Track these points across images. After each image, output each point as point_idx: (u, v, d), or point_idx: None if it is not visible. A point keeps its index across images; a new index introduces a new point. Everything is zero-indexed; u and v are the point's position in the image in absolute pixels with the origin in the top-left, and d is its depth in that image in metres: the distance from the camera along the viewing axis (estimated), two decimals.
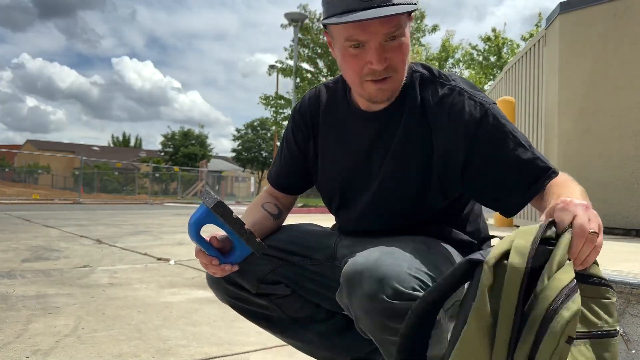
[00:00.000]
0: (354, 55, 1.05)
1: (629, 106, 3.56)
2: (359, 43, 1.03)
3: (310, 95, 1.31)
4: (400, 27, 1.03)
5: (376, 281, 0.93)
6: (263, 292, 1.26)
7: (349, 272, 0.98)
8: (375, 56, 1.03)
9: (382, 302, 0.92)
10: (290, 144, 1.32)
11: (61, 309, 2.46)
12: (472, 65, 20.44)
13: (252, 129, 43.09)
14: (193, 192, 30.09)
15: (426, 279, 0.97)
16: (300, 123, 1.30)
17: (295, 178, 1.35)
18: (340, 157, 1.24)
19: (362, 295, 0.94)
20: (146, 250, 4.77)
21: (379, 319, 0.94)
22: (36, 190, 23.22)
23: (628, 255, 2.12)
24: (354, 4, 0.99)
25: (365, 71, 1.06)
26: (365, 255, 1.00)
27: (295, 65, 18.32)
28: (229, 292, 1.28)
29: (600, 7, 3.71)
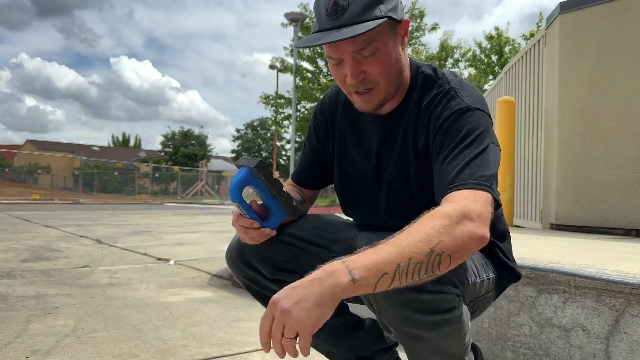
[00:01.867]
0: (336, 70, 1.10)
1: (629, 106, 3.56)
2: (336, 59, 1.08)
3: (330, 93, 1.35)
4: (372, 41, 1.03)
5: None
6: (277, 278, 1.27)
7: None
8: (349, 72, 1.07)
9: (407, 293, 0.92)
10: (312, 141, 1.36)
11: (61, 309, 2.46)
12: (474, 64, 20.44)
13: (252, 129, 43.12)
14: (193, 192, 30.09)
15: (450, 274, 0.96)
16: (321, 121, 1.34)
17: (314, 173, 1.38)
18: (355, 156, 1.27)
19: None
20: (146, 250, 4.77)
21: (403, 311, 0.94)
22: (36, 190, 23.22)
23: (628, 255, 2.12)
24: (325, 24, 1.04)
25: (346, 84, 1.10)
26: None
27: (295, 64, 18.32)
28: (244, 273, 1.30)
29: (600, 7, 3.71)
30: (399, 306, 0.94)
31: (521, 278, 1.27)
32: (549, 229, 4.01)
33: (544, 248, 2.33)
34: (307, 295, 0.82)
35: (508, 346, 1.65)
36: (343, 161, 1.30)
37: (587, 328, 1.46)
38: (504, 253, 1.23)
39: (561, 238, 3.06)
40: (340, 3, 1.02)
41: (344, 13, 1.01)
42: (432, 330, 0.97)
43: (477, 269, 1.12)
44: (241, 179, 1.10)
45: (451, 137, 1.06)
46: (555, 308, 1.54)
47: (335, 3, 1.02)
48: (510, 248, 1.27)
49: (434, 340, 0.99)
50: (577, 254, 2.12)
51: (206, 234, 6.69)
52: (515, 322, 1.64)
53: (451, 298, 0.97)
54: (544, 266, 1.61)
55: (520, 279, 1.27)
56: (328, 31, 1.03)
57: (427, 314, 0.94)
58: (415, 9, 19.12)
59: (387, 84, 1.10)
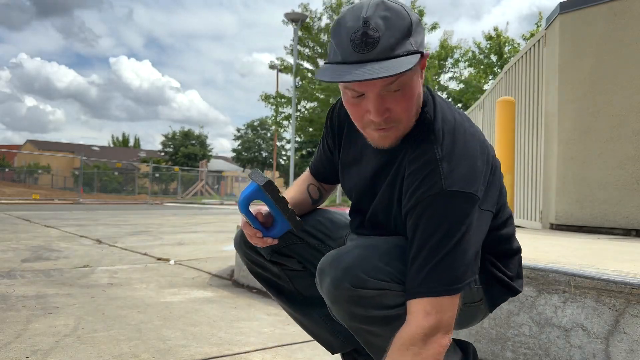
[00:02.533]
0: (353, 103, 1.02)
1: (629, 106, 3.56)
2: (358, 93, 0.99)
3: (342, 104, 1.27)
4: (402, 76, 0.96)
5: (341, 270, 1.00)
6: (276, 260, 1.38)
7: (320, 263, 1.06)
8: (373, 108, 0.98)
9: (346, 290, 0.99)
10: (324, 142, 1.36)
11: (61, 309, 2.46)
12: (474, 64, 20.44)
13: (252, 129, 43.11)
14: (193, 192, 30.09)
15: (397, 271, 1.01)
16: (330, 128, 1.32)
17: (329, 172, 1.40)
18: (351, 176, 1.28)
19: (328, 284, 1.02)
20: (146, 250, 4.77)
21: (344, 306, 1.01)
22: (36, 190, 23.21)
23: (628, 255, 2.12)
24: (350, 55, 0.94)
25: (365, 119, 1.02)
26: (341, 248, 1.09)
27: (295, 64, 18.31)
28: (247, 255, 1.40)
29: (600, 7, 3.71)
30: (341, 301, 1.00)
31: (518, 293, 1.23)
32: (549, 229, 4.01)
33: (544, 248, 2.33)
34: None
35: (508, 346, 1.65)
36: (346, 173, 1.30)
37: (587, 328, 1.46)
38: (496, 265, 1.19)
39: (561, 238, 3.06)
40: (371, 35, 0.92)
41: (374, 46, 0.92)
42: (382, 326, 1.01)
43: None
44: (249, 194, 1.18)
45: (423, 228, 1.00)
46: (555, 308, 1.54)
47: (364, 34, 0.92)
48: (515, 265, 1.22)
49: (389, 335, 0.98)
50: (577, 254, 2.12)
51: (206, 234, 6.69)
52: (515, 322, 1.64)
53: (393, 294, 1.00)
54: (544, 266, 1.61)
55: (517, 294, 1.22)
56: (355, 64, 0.93)
57: (370, 308, 0.99)
58: (415, 9, 19.12)
59: (407, 121, 1.04)
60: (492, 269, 1.18)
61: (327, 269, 1.03)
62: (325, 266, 1.04)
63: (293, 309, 1.44)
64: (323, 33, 19.89)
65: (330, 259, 1.04)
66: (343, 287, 0.99)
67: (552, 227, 3.98)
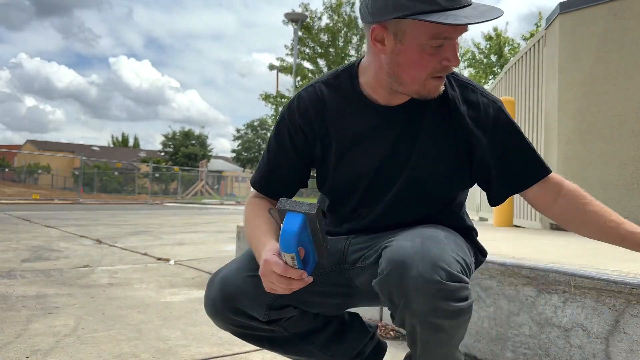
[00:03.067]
0: (432, 53, 1.03)
1: (629, 106, 3.56)
2: (444, 41, 1.02)
3: (309, 95, 1.22)
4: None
5: (430, 263, 0.96)
6: (273, 318, 1.20)
7: (399, 256, 0.98)
8: (454, 54, 1.04)
9: (438, 284, 0.95)
10: (285, 148, 1.24)
11: (61, 309, 2.46)
12: (474, 64, 20.45)
13: (252, 129, 43.11)
14: (193, 192, 30.08)
15: (463, 264, 1.03)
16: (301, 125, 1.21)
17: (290, 185, 1.28)
18: (361, 156, 1.20)
19: (417, 276, 0.95)
20: (146, 250, 4.77)
21: (430, 300, 0.96)
22: (36, 190, 23.21)
23: (628, 255, 2.12)
24: (447, 2, 0.98)
25: (438, 68, 1.05)
26: (409, 239, 1.02)
27: (295, 64, 18.32)
28: (234, 322, 1.19)
29: (600, 7, 3.71)
30: (430, 295, 0.96)
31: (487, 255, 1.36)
32: (549, 229, 4.01)
33: (544, 248, 2.33)
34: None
35: (508, 346, 1.65)
36: (344, 163, 1.22)
37: (587, 328, 1.46)
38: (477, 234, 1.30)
39: (561, 238, 3.06)
40: None
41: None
42: (452, 319, 0.99)
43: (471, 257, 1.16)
44: (300, 228, 0.98)
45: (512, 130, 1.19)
46: (555, 308, 1.54)
47: None
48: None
49: (451, 330, 1.01)
50: (577, 254, 2.12)
51: (206, 234, 6.69)
52: (515, 322, 1.64)
53: (468, 287, 1.01)
54: (544, 266, 1.61)
55: (486, 256, 1.33)
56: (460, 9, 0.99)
57: (452, 301, 0.96)
58: None
59: None
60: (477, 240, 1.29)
61: (411, 262, 0.96)
62: (407, 258, 0.97)
63: (287, 352, 1.33)
64: (323, 33, 19.89)
65: (412, 251, 0.98)
66: (434, 280, 0.95)
67: (552, 227, 3.98)
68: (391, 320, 1.09)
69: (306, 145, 1.23)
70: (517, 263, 1.67)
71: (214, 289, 1.18)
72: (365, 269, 1.17)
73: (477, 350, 1.75)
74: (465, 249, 1.12)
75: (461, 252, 1.06)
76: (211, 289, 1.19)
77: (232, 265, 1.21)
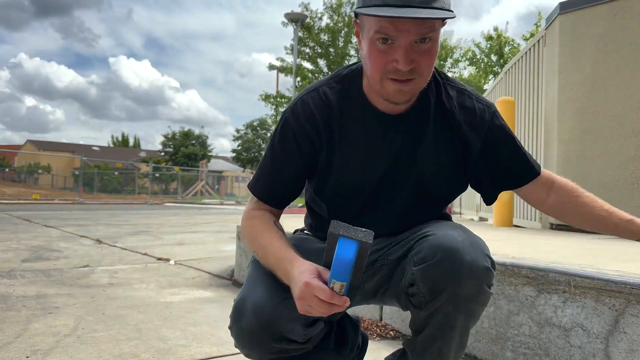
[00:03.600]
0: (381, 50, 1.02)
1: (629, 106, 3.56)
2: (389, 38, 1.00)
3: (314, 100, 1.18)
4: (433, 30, 1.01)
5: (480, 251, 1.04)
6: (310, 337, 1.12)
7: (451, 243, 1.03)
8: (403, 56, 1.00)
9: (487, 270, 1.04)
10: (291, 153, 1.19)
11: (61, 309, 2.46)
12: (475, 63, 20.46)
13: (252, 129, 43.09)
14: (193, 192, 30.08)
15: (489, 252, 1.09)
16: (308, 130, 1.17)
17: (291, 192, 1.24)
18: (366, 163, 1.18)
19: (470, 262, 1.02)
20: (146, 250, 4.77)
21: (481, 285, 1.04)
22: (36, 190, 23.22)
23: (628, 255, 2.12)
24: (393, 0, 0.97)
25: (388, 68, 1.03)
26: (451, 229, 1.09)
27: (296, 64, 18.31)
28: (274, 349, 1.10)
29: (600, 7, 3.71)
30: (480, 281, 1.03)
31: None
32: (549, 229, 4.01)
33: (544, 248, 2.33)
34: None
35: (508, 346, 1.65)
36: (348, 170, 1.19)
37: (586, 328, 1.46)
38: None
39: (561, 238, 3.06)
40: None
41: None
42: (483, 305, 1.08)
43: None
44: (355, 255, 0.93)
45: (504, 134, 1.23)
46: (555, 308, 1.54)
47: None
48: None
49: (477, 315, 1.09)
50: (577, 254, 2.12)
51: (206, 234, 6.69)
52: (515, 321, 1.64)
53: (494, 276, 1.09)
54: (544, 266, 1.61)
55: None
56: (399, 8, 0.96)
57: (490, 288, 1.06)
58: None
59: (426, 78, 1.09)
60: None
61: (463, 248, 1.03)
62: (458, 245, 1.03)
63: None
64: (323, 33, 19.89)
65: (461, 238, 1.05)
66: (485, 267, 1.03)
67: (552, 227, 3.98)
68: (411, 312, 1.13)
69: (312, 151, 1.19)
70: (517, 263, 1.67)
71: (247, 320, 1.08)
72: (384, 266, 1.20)
73: (477, 350, 1.75)
74: None
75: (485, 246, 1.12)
76: (244, 319, 1.09)
77: (258, 291, 1.11)
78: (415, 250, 1.07)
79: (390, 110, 1.16)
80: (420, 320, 1.10)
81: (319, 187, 1.23)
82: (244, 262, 3.24)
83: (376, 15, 0.97)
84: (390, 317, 2.19)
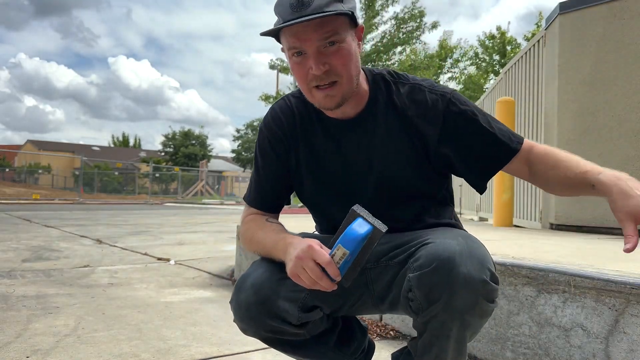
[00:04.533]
0: (297, 63, 1.11)
1: (629, 106, 3.56)
2: (300, 51, 1.09)
3: (280, 107, 1.30)
4: (335, 32, 1.07)
5: (478, 262, 1.00)
6: (304, 322, 1.18)
7: (448, 252, 1.01)
8: (313, 61, 1.08)
9: (484, 283, 1.00)
10: (271, 159, 1.29)
11: (61, 309, 2.47)
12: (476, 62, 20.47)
13: (252, 129, 43.09)
14: (193, 192, 30.09)
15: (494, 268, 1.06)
16: (279, 135, 1.28)
17: (280, 195, 1.32)
18: (325, 168, 1.25)
19: (466, 274, 0.99)
20: (146, 250, 4.78)
21: (476, 298, 1.00)
22: (36, 190, 23.23)
23: (628, 255, 2.12)
24: (289, 15, 1.05)
25: (309, 77, 1.10)
26: (452, 238, 1.05)
27: None
28: (268, 326, 1.16)
29: (600, 7, 3.71)
30: (476, 293, 0.99)
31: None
32: (549, 229, 4.01)
33: (544, 248, 2.33)
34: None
35: (508, 346, 1.65)
36: (317, 173, 1.26)
37: (586, 328, 1.46)
38: None
39: (561, 238, 3.06)
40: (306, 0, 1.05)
41: (310, 5, 1.04)
42: (482, 318, 1.04)
43: None
44: (367, 234, 0.98)
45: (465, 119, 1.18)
46: (555, 308, 1.54)
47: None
48: None
49: (476, 328, 1.06)
50: (577, 254, 2.13)
51: (206, 234, 6.69)
52: (515, 321, 1.64)
53: (498, 290, 1.04)
54: (544, 266, 1.61)
55: None
56: (292, 20, 1.04)
57: (489, 302, 1.02)
58: (415, 9, 19.14)
59: (349, 78, 1.12)
60: None
61: (460, 258, 0.99)
62: (456, 254, 1.00)
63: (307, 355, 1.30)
64: None
65: (460, 248, 1.01)
66: (481, 279, 0.99)
67: (551, 227, 3.98)
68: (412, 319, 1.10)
69: (285, 154, 1.29)
70: (517, 263, 1.67)
71: (245, 294, 1.15)
72: (390, 267, 1.19)
73: (477, 350, 1.75)
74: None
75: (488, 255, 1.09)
76: (242, 294, 1.15)
77: (259, 270, 1.18)
78: (415, 257, 1.07)
79: (340, 116, 1.21)
80: (419, 325, 1.10)
81: (298, 190, 1.32)
82: (244, 262, 3.24)
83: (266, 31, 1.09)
84: (390, 317, 2.19)
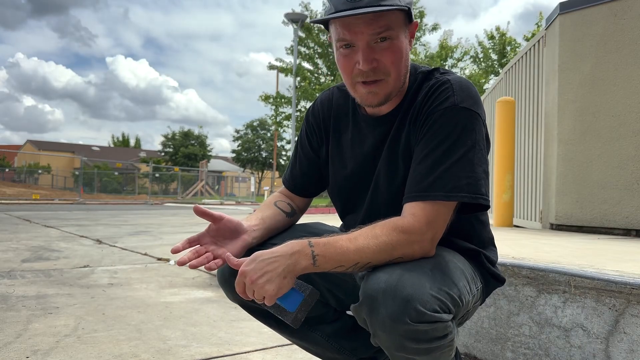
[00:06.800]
0: (344, 55, 1.07)
1: (629, 106, 3.56)
2: (349, 43, 1.05)
3: (322, 98, 1.31)
4: (389, 28, 1.03)
5: (400, 303, 0.91)
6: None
7: (372, 290, 0.94)
8: (362, 56, 1.04)
9: (406, 325, 0.91)
10: (305, 146, 1.32)
11: (61, 309, 2.46)
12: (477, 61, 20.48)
13: (252, 129, 43.12)
14: (193, 192, 30.09)
15: (446, 299, 0.96)
16: (313, 125, 1.30)
17: (309, 180, 1.34)
18: (348, 162, 1.23)
19: (384, 316, 0.92)
20: (146, 250, 4.77)
21: (399, 340, 0.93)
22: (36, 191, 23.23)
23: (628, 255, 2.12)
24: (342, 5, 1.01)
25: (355, 72, 1.07)
26: (388, 272, 0.96)
27: (296, 64, 18.31)
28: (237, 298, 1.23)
29: (600, 7, 3.71)
30: (396, 335, 0.93)
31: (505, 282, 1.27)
32: (549, 229, 4.01)
33: (544, 248, 2.33)
34: (271, 269, 0.97)
35: (508, 346, 1.65)
36: (337, 167, 1.26)
37: (587, 328, 1.46)
38: (490, 260, 1.21)
39: (561, 238, 3.06)
40: None
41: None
42: (425, 355, 0.96)
43: (470, 285, 1.08)
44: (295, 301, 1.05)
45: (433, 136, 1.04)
46: (555, 308, 1.54)
47: None
48: (495, 254, 1.25)
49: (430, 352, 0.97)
50: (577, 254, 2.12)
51: None
52: (515, 322, 1.64)
53: (446, 325, 0.95)
54: (544, 266, 1.61)
55: (504, 283, 1.24)
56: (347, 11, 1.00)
57: (422, 342, 0.93)
58: (415, 9, 19.15)
59: (397, 77, 1.08)
60: (488, 265, 1.20)
61: (382, 299, 0.92)
62: (378, 294, 0.93)
63: (293, 336, 1.34)
64: (323, 33, 19.87)
65: (384, 286, 0.93)
66: (402, 321, 0.91)
67: (552, 227, 3.98)
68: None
69: (319, 144, 1.30)
70: (517, 263, 1.67)
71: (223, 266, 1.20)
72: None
73: (477, 350, 1.75)
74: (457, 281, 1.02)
75: (449, 287, 0.98)
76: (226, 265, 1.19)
77: None
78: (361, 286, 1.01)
79: (373, 113, 1.18)
80: None
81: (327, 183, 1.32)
82: None
83: (319, 20, 1.06)
84: None
